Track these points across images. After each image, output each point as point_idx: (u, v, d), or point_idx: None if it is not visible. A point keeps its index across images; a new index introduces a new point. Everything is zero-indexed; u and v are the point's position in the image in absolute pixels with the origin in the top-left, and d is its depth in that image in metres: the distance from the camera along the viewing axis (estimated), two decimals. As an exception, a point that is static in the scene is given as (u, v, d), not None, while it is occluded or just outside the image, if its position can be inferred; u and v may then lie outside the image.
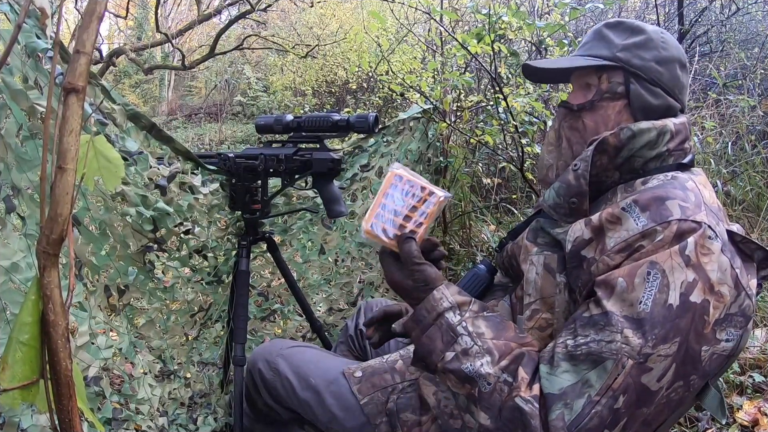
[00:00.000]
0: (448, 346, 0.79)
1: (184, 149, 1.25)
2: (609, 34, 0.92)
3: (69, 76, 0.48)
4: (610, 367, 0.71)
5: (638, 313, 0.71)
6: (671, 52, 0.90)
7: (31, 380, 0.51)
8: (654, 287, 0.71)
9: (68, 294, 0.52)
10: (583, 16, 3.95)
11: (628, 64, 0.89)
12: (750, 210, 2.48)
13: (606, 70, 0.91)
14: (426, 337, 0.81)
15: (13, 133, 0.89)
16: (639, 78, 0.89)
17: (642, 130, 0.85)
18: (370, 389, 1.02)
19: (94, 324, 1.08)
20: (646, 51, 0.89)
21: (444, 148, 2.36)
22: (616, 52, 0.90)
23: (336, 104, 7.08)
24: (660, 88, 0.89)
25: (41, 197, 0.50)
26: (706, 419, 1.50)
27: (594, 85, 0.92)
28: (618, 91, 0.89)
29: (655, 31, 0.91)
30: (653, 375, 0.71)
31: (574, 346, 0.74)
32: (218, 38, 6.20)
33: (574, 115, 0.94)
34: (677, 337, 0.70)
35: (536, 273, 0.87)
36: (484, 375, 0.76)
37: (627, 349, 0.70)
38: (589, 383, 0.71)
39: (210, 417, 1.47)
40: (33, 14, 0.90)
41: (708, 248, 0.73)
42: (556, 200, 0.89)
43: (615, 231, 0.78)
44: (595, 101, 0.91)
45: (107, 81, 1.60)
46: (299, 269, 1.83)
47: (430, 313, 0.81)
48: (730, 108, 2.99)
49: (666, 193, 0.78)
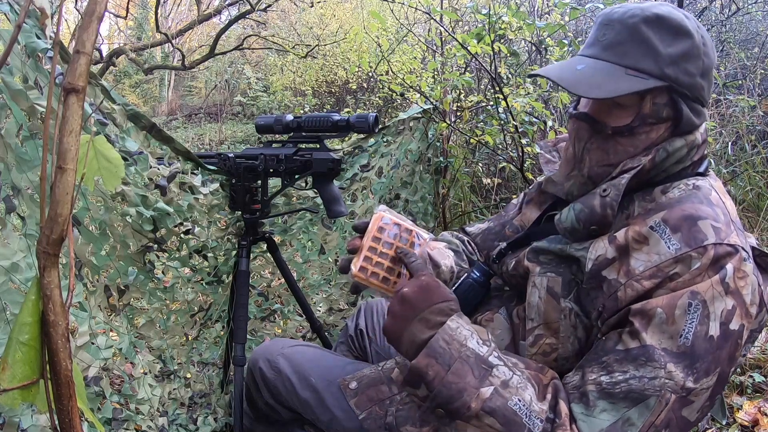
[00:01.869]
0: (482, 382, 0.69)
1: (184, 149, 1.25)
2: (651, 36, 0.76)
3: (69, 76, 0.48)
4: (653, 404, 0.67)
5: (679, 347, 0.68)
6: (711, 58, 0.79)
7: (31, 380, 0.51)
8: (695, 319, 0.68)
9: (68, 294, 0.52)
10: (583, 16, 3.94)
11: (677, 83, 0.76)
12: (750, 210, 2.48)
13: (651, 91, 0.77)
14: (452, 373, 0.69)
15: (13, 133, 0.89)
16: (686, 97, 0.78)
17: (676, 149, 0.79)
18: (367, 403, 0.96)
19: (94, 324, 1.08)
20: (693, 63, 0.76)
21: (444, 148, 2.36)
22: (664, 68, 0.75)
23: (336, 104, 7.07)
24: (701, 103, 0.79)
25: (41, 197, 0.50)
26: (706, 419, 1.50)
27: (631, 106, 0.78)
28: (664, 115, 0.78)
29: (695, 29, 0.77)
30: (694, 407, 0.69)
31: (611, 383, 0.69)
32: (218, 38, 6.20)
33: (605, 137, 0.81)
34: (717, 368, 0.69)
35: (539, 297, 0.83)
36: (536, 412, 0.68)
37: (671, 384, 0.67)
38: (631, 422, 0.68)
39: (210, 417, 1.47)
40: (33, 14, 0.90)
41: (744, 271, 0.71)
42: (574, 225, 0.80)
43: (642, 253, 0.73)
44: (635, 127, 0.78)
45: (107, 81, 1.59)
46: (299, 269, 1.83)
47: (451, 344, 0.71)
48: (730, 108, 2.99)
49: (697, 211, 0.73)
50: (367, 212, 1.94)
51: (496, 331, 0.89)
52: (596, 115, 0.82)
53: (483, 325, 0.91)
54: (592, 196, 0.79)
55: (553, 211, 0.95)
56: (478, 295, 0.96)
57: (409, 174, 2.14)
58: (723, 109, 3.02)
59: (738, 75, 3.53)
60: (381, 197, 2.00)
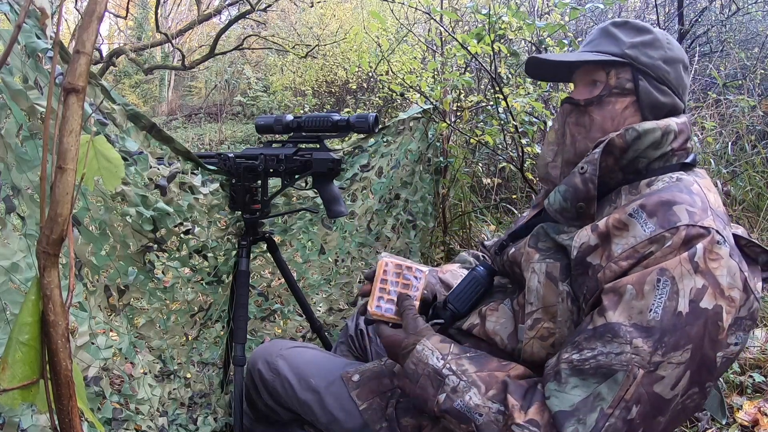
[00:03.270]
0: (438, 390, 0.82)
1: (184, 149, 1.25)
2: (616, 32, 0.92)
3: (69, 76, 0.48)
4: (621, 378, 0.70)
5: (648, 321, 0.70)
6: (676, 53, 0.91)
7: (31, 380, 0.51)
8: (664, 294, 0.71)
9: (68, 294, 0.52)
10: (583, 16, 3.95)
11: (637, 62, 0.89)
12: (750, 210, 2.48)
13: (614, 66, 0.91)
14: (419, 387, 0.84)
15: (13, 133, 0.89)
16: (647, 75, 0.89)
17: (647, 131, 0.85)
18: (369, 394, 1.01)
19: (94, 324, 1.08)
20: (654, 50, 0.89)
21: (444, 148, 2.36)
22: (624, 49, 0.90)
23: (336, 104, 7.08)
24: (667, 86, 0.89)
25: (41, 197, 0.50)
26: (706, 419, 1.50)
27: (601, 81, 0.92)
28: (627, 87, 0.90)
29: (660, 32, 0.92)
30: (666, 383, 0.70)
31: (580, 360, 0.73)
32: (218, 38, 6.20)
33: (580, 111, 0.93)
34: (689, 345, 0.70)
35: (538, 281, 0.86)
36: (473, 407, 0.78)
37: (637, 359, 0.70)
38: (601, 396, 0.70)
39: (210, 417, 1.47)
40: (33, 14, 0.90)
41: (717, 253, 0.72)
42: (562, 204, 0.88)
43: (622, 237, 0.77)
44: (603, 96, 0.91)
45: (107, 81, 1.59)
46: (299, 269, 1.82)
47: (417, 366, 0.85)
48: (730, 108, 2.99)
49: (673, 197, 0.77)
50: (367, 212, 1.95)
51: (500, 319, 0.93)
52: (576, 96, 0.95)
53: (487, 315, 0.95)
54: (573, 176, 0.87)
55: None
56: (479, 287, 1.00)
57: (409, 174, 2.14)
58: (723, 109, 3.02)
59: (738, 75, 3.53)
60: (381, 197, 2.00)
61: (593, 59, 0.91)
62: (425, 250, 2.40)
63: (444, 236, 2.55)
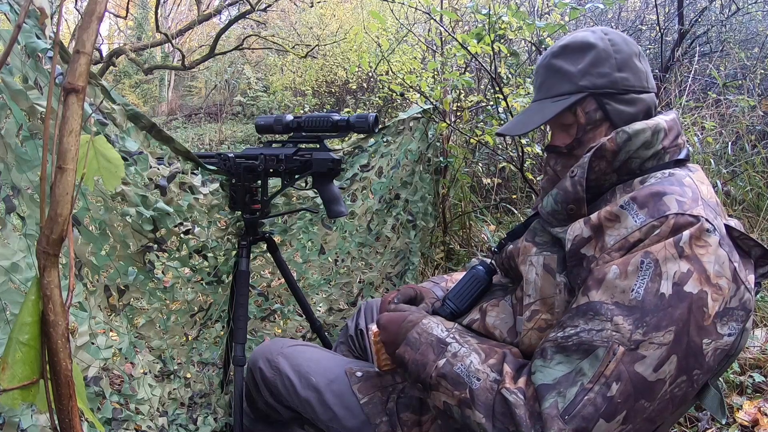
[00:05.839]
0: (439, 356, 0.85)
1: (184, 149, 1.25)
2: (561, 64, 0.91)
3: (69, 76, 0.48)
4: (601, 354, 0.72)
5: (630, 301, 0.72)
6: (623, 51, 0.89)
7: (31, 380, 0.51)
8: (647, 276, 0.72)
9: (68, 294, 0.52)
10: (583, 16, 3.95)
11: (595, 87, 0.88)
12: (750, 210, 2.48)
13: (578, 104, 0.90)
14: (419, 354, 0.87)
15: (13, 133, 0.89)
16: (610, 95, 0.88)
17: (637, 132, 0.85)
18: (371, 389, 1.03)
19: (94, 324, 1.08)
20: (603, 65, 0.88)
21: (444, 148, 2.36)
22: (578, 82, 0.89)
23: (336, 104, 7.08)
24: (632, 93, 0.88)
25: (41, 197, 0.50)
26: (706, 419, 1.50)
27: (572, 123, 0.92)
28: (597, 118, 0.89)
29: (599, 38, 0.90)
30: (647, 363, 0.70)
31: (564, 337, 0.76)
32: (218, 38, 6.20)
33: (565, 156, 0.94)
34: (671, 326, 0.70)
35: (536, 273, 0.88)
36: (473, 371, 0.81)
37: (617, 335, 0.71)
38: (582, 372, 0.73)
39: (210, 417, 1.47)
40: (33, 14, 0.90)
41: (705, 241, 0.73)
42: (554, 207, 0.89)
43: (614, 229, 0.79)
44: (580, 137, 0.91)
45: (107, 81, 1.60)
46: (299, 269, 1.82)
47: (421, 335, 0.89)
48: (730, 108, 2.99)
49: (663, 188, 0.78)
50: (367, 212, 1.95)
51: (501, 315, 0.95)
52: (556, 142, 0.96)
53: (488, 311, 0.97)
54: (564, 180, 0.89)
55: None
56: (479, 285, 1.02)
57: (409, 174, 2.14)
58: (723, 109, 3.02)
59: (738, 75, 3.53)
60: (381, 197, 2.00)
61: (556, 112, 0.90)
62: (425, 250, 2.41)
63: (444, 236, 2.55)
